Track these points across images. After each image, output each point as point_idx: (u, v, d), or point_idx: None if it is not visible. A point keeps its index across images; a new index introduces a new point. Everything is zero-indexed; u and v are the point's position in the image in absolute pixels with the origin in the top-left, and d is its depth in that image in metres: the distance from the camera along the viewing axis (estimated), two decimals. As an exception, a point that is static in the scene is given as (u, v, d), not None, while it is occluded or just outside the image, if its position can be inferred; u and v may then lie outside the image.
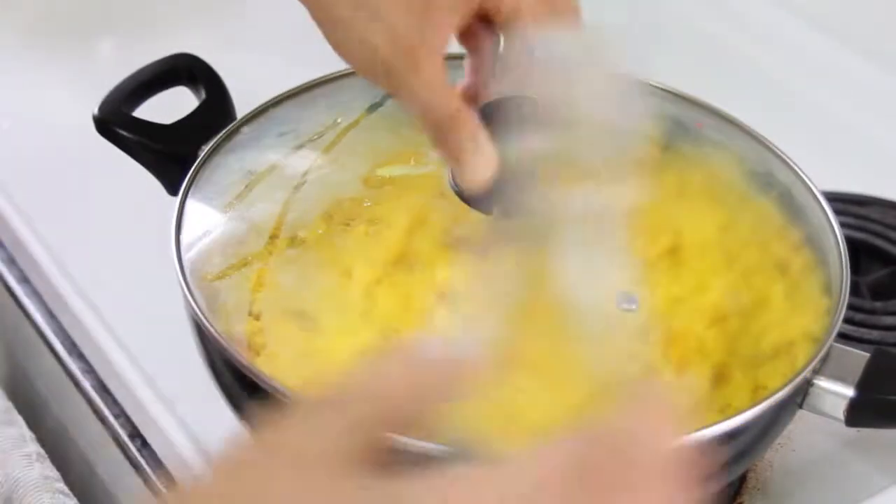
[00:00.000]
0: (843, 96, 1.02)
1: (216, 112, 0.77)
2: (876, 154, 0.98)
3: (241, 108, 0.78)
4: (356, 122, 0.78)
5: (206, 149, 0.74)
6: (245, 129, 0.76)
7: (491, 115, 0.64)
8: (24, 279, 0.86)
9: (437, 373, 0.44)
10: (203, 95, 0.78)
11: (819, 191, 0.73)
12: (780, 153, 0.76)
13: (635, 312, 0.67)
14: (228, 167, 0.75)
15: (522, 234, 0.68)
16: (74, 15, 1.10)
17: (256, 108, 0.77)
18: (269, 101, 0.78)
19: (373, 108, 0.79)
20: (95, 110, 0.75)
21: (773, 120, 0.84)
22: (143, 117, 0.76)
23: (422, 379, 0.44)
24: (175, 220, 0.70)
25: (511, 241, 0.70)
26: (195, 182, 0.72)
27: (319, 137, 0.77)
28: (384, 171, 0.76)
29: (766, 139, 0.77)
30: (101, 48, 1.07)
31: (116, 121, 0.75)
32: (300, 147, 0.76)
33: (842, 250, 0.70)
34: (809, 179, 0.74)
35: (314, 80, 0.79)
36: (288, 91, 0.78)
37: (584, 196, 0.63)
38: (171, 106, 0.77)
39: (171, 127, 0.76)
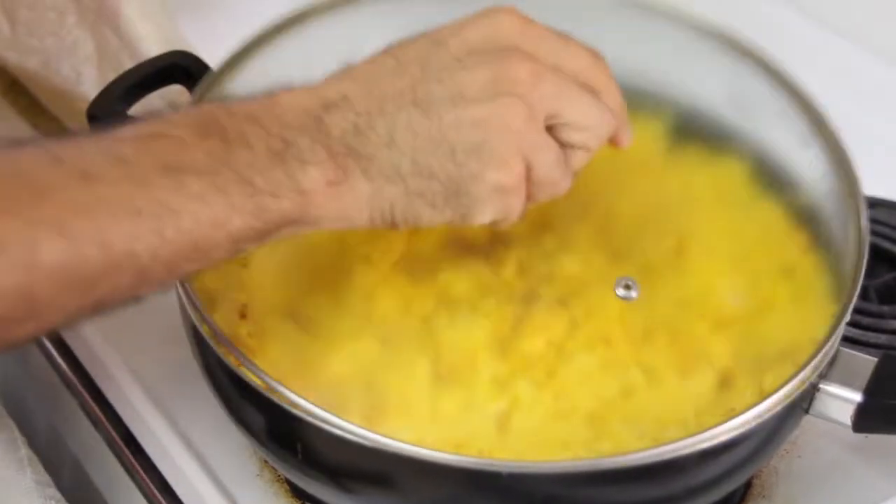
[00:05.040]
0: (850, 96, 1.01)
1: (212, 111, 0.76)
2: (884, 155, 0.97)
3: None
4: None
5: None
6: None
7: None
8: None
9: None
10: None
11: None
12: (789, 152, 0.75)
13: (634, 301, 0.66)
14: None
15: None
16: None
17: None
18: None
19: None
20: (89, 107, 0.75)
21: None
22: (137, 115, 0.75)
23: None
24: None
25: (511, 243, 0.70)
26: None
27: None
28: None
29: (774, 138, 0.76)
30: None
31: (111, 118, 0.75)
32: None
33: (863, 252, 0.69)
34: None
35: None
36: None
37: None
38: (167, 104, 0.77)
39: (167, 125, 0.75)
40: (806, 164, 0.74)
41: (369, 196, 0.59)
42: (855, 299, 0.67)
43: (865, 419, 0.65)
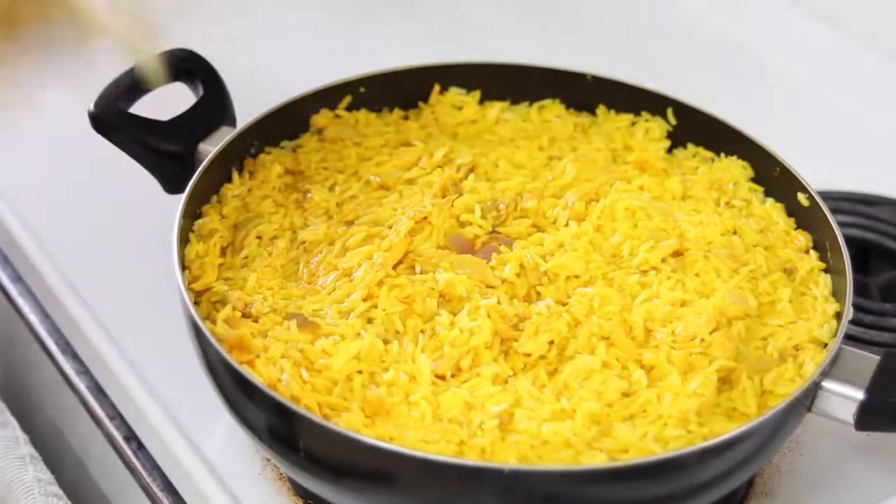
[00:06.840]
0: (853, 96, 1.01)
1: (214, 109, 0.77)
2: (886, 154, 0.97)
3: (240, 104, 0.77)
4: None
5: (207, 150, 0.74)
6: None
7: None
8: (17, 278, 0.85)
9: None
10: (200, 92, 0.77)
11: (820, 196, 0.73)
12: (782, 160, 0.75)
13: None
14: (230, 170, 0.74)
15: None
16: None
17: (257, 117, 0.76)
18: (271, 109, 0.77)
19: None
20: (91, 106, 0.75)
21: (784, 119, 0.82)
22: (139, 113, 0.75)
23: None
24: (177, 222, 0.69)
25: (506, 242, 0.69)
26: (198, 184, 0.72)
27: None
28: (387, 174, 0.75)
29: (769, 147, 0.76)
30: (98, 42, 1.06)
31: (112, 117, 0.75)
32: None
33: (844, 255, 0.69)
34: (810, 186, 0.73)
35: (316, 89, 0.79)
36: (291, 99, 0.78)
37: None
38: (167, 102, 0.76)
39: (168, 123, 0.75)
40: None
41: None
42: (851, 295, 0.67)
43: (868, 417, 0.65)
